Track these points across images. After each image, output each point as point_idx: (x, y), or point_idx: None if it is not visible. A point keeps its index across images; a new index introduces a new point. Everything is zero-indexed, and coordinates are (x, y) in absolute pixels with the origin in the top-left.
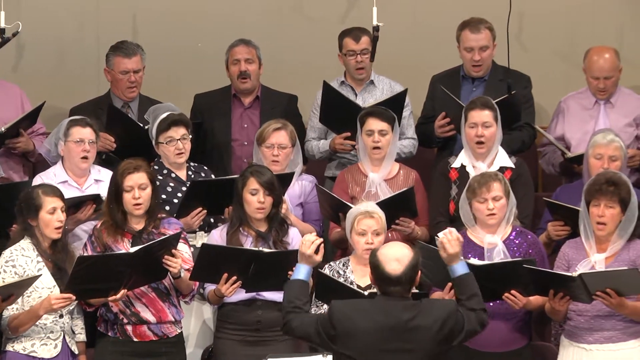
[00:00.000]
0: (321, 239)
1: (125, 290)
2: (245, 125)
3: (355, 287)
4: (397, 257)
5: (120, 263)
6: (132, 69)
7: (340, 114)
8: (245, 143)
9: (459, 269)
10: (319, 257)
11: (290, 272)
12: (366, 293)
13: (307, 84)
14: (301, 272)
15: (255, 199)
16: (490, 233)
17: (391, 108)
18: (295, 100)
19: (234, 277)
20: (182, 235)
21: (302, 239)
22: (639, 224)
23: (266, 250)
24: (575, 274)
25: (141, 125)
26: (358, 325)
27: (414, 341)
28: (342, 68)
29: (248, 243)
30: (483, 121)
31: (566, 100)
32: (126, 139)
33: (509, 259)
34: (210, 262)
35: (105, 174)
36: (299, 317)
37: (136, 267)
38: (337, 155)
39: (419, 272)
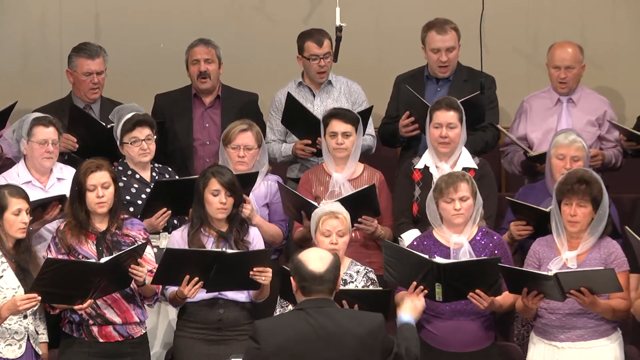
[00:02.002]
0: None
1: (92, 300)
2: (207, 125)
3: None
4: (319, 256)
5: (89, 272)
6: (95, 71)
7: (302, 122)
8: (207, 142)
9: (404, 318)
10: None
11: (251, 272)
12: None
13: (268, 84)
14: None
15: (217, 200)
16: (457, 233)
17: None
18: (256, 99)
19: (196, 278)
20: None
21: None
22: (609, 222)
23: (229, 251)
24: (550, 273)
25: (104, 124)
26: (282, 338)
27: (336, 349)
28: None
29: (209, 243)
30: (448, 122)
31: (529, 100)
32: (89, 139)
33: (474, 258)
34: (173, 266)
35: (68, 173)
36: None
37: (104, 277)
38: (299, 158)
39: (340, 277)
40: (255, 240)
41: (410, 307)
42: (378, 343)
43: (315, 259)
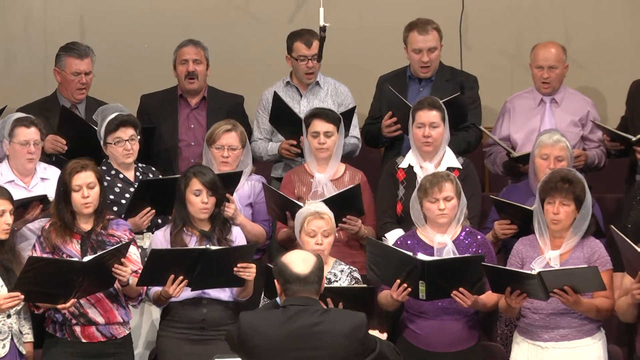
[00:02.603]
0: None
1: (75, 299)
2: (192, 126)
3: None
4: (302, 258)
5: (72, 270)
6: (84, 71)
7: (288, 122)
8: (192, 143)
9: None
10: None
11: (235, 269)
12: None
13: (253, 84)
14: None
15: (199, 200)
16: (440, 233)
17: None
18: (242, 102)
19: (180, 277)
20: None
21: None
22: (593, 222)
23: (213, 247)
24: (534, 272)
25: (94, 127)
26: (264, 336)
27: (321, 347)
28: (288, 68)
29: (192, 243)
30: (430, 121)
31: (512, 100)
32: (78, 141)
33: (458, 255)
34: (158, 266)
35: (52, 172)
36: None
37: (87, 276)
38: (284, 157)
39: (324, 278)
40: (238, 239)
41: None
42: (361, 342)
43: (298, 261)
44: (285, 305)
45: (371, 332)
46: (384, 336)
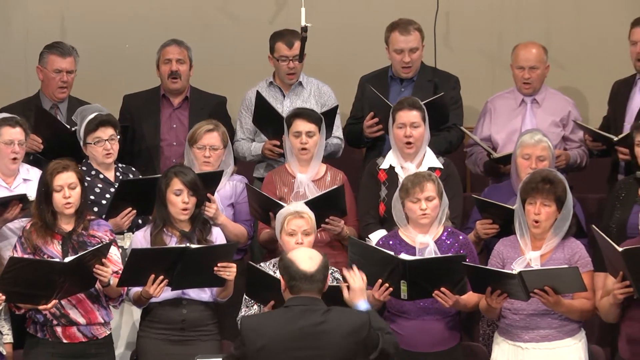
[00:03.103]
0: None
1: (56, 300)
2: (174, 126)
3: None
4: (309, 255)
5: (53, 271)
6: (66, 69)
7: (271, 122)
8: (174, 143)
9: (360, 307)
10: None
11: (215, 268)
12: None
13: (235, 85)
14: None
15: (180, 200)
16: (422, 233)
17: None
18: (224, 102)
19: (161, 277)
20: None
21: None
22: (574, 223)
23: (193, 245)
24: (514, 272)
25: (68, 127)
26: (266, 337)
27: (324, 347)
28: (271, 68)
29: (172, 243)
30: (411, 122)
31: (493, 101)
32: (54, 141)
33: (440, 255)
34: (138, 267)
35: (34, 174)
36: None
37: (68, 277)
38: (267, 158)
39: (328, 277)
40: (218, 240)
41: (359, 294)
42: (364, 340)
43: (305, 259)
44: (289, 305)
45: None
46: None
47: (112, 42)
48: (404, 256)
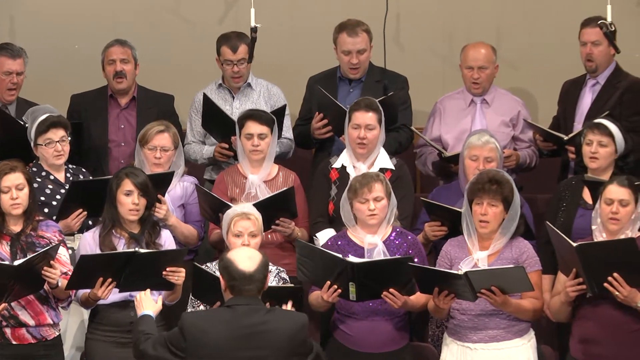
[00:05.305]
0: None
1: (6, 304)
2: (122, 126)
3: None
4: (248, 255)
5: (3, 275)
6: (16, 71)
7: (219, 125)
8: (123, 144)
9: None
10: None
11: (164, 272)
12: None
13: (184, 85)
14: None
15: (130, 200)
16: (371, 233)
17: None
18: (172, 100)
19: (109, 279)
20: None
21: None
22: (522, 223)
23: (142, 250)
24: (460, 272)
25: (22, 123)
26: (209, 335)
27: (264, 347)
28: (220, 69)
29: (121, 245)
30: (366, 123)
31: (442, 101)
32: (5, 140)
33: (388, 257)
34: (87, 271)
35: None
36: (149, 341)
37: (18, 280)
38: (218, 161)
39: (268, 275)
40: (167, 242)
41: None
42: (303, 342)
43: (244, 258)
44: (231, 305)
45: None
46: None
47: (61, 42)
48: (351, 258)
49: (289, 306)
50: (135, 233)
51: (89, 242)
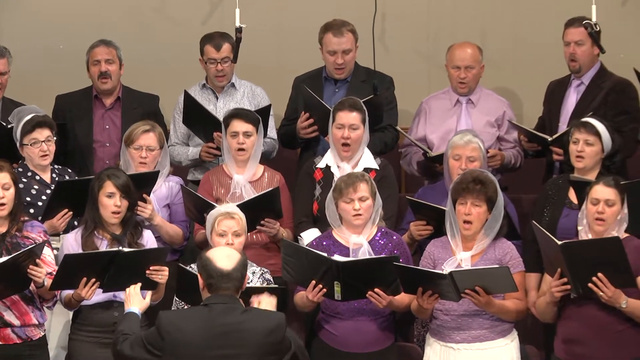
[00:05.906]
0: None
1: None
2: (107, 127)
3: None
4: (227, 254)
5: None
6: (0, 71)
7: (203, 122)
8: (107, 144)
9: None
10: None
11: (147, 271)
12: None
13: (169, 85)
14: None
15: (112, 202)
16: (356, 233)
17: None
18: (157, 100)
19: (93, 279)
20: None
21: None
22: (505, 223)
23: (125, 249)
24: (445, 272)
25: (4, 124)
26: (186, 333)
27: (240, 346)
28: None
29: (103, 246)
30: (350, 123)
31: (428, 101)
32: None
33: (373, 256)
34: (71, 271)
35: None
36: (127, 342)
37: (3, 279)
38: (204, 161)
39: (246, 276)
40: (149, 242)
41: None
42: (280, 341)
43: (222, 257)
44: (208, 304)
45: (264, 299)
46: (273, 301)
47: (46, 42)
48: (337, 257)
49: (265, 298)
50: (117, 234)
51: (71, 244)
